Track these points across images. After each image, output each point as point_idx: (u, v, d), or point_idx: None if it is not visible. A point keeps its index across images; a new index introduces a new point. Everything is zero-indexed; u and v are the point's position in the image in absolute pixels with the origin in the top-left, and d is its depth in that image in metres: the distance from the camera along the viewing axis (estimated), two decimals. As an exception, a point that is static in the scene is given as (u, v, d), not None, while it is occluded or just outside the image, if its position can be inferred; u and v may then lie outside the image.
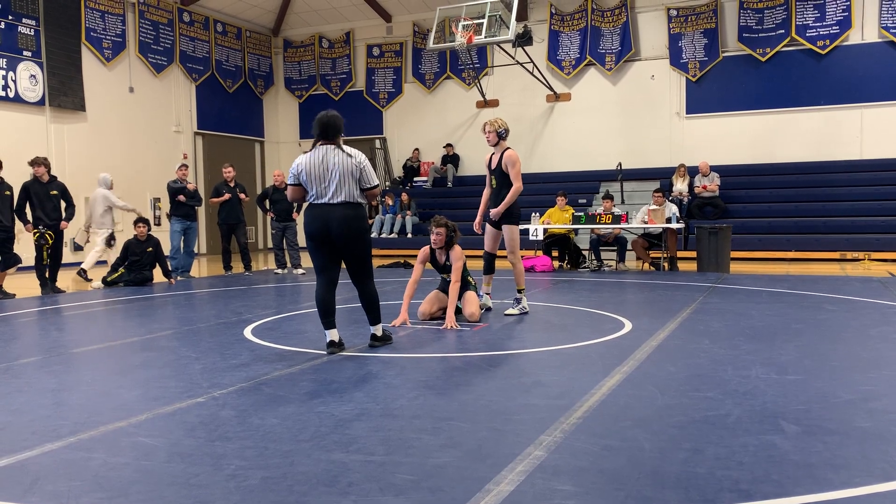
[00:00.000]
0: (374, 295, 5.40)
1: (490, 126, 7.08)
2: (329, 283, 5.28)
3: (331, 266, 5.30)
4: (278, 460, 3.01)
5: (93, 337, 6.44)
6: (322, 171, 5.13)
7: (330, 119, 5.19)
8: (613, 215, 11.82)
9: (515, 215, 7.08)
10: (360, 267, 5.31)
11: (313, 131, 5.23)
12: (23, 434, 3.45)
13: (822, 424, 3.39)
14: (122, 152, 16.37)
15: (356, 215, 5.18)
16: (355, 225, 5.15)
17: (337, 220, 5.09)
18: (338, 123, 5.21)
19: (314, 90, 20.79)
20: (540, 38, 17.70)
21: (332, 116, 5.21)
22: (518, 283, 7.06)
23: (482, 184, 19.93)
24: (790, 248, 13.77)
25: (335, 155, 5.14)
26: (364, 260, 5.32)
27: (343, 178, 5.11)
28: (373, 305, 5.41)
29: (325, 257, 5.25)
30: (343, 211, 5.11)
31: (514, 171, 6.97)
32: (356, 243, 5.19)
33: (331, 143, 5.20)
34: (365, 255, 5.31)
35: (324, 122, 5.19)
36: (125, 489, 2.72)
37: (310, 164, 5.17)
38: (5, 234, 9.38)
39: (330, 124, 5.18)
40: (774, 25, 16.16)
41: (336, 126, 5.20)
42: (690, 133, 17.02)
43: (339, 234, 5.11)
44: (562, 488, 2.66)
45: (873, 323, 6.37)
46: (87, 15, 15.58)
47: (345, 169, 5.11)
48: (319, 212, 5.15)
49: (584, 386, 4.15)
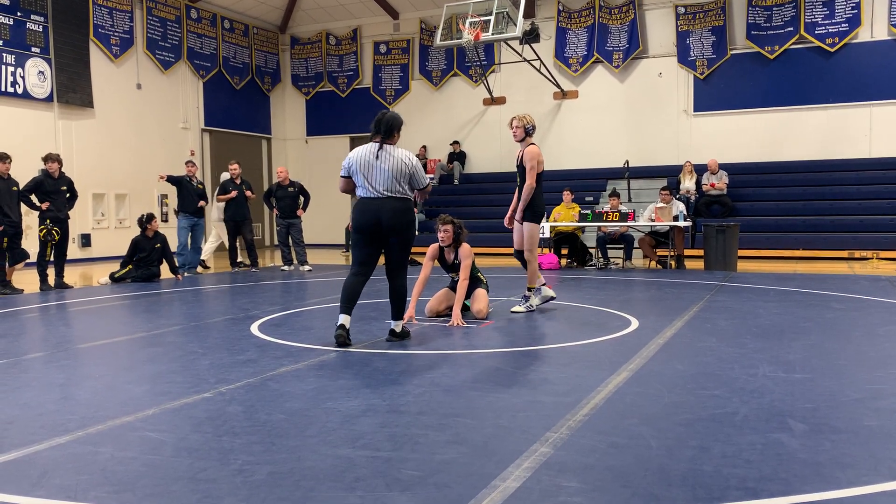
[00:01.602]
0: (403, 290, 5.52)
1: (518, 122, 6.99)
2: (362, 276, 5.46)
3: (370, 262, 5.47)
4: (285, 455, 3.01)
5: (100, 332, 6.46)
6: (374, 166, 5.31)
7: (387, 118, 5.38)
8: (620, 213, 11.79)
9: (538, 213, 6.96)
10: (400, 257, 5.47)
11: (371, 128, 5.41)
12: (31, 428, 3.46)
13: (830, 423, 3.38)
14: (130, 149, 16.42)
15: (405, 208, 5.37)
16: (404, 218, 5.35)
17: (388, 211, 5.28)
18: (394, 123, 5.39)
19: (321, 87, 20.80)
20: (547, 35, 17.67)
21: (391, 116, 5.41)
22: (530, 280, 7.03)
23: (489, 181, 20.03)
24: (798, 246, 13.72)
25: (387, 153, 5.32)
26: (405, 251, 5.49)
27: (394, 175, 5.30)
28: (400, 300, 5.53)
29: (368, 251, 5.42)
30: (393, 203, 5.31)
31: (530, 167, 6.86)
32: (403, 233, 5.38)
33: (386, 141, 5.36)
34: (408, 246, 5.49)
35: (380, 120, 5.38)
36: (132, 483, 2.73)
37: (361, 159, 5.36)
38: (13, 230, 9.42)
39: (385, 122, 5.36)
40: (783, 23, 16.08)
41: (391, 125, 5.38)
42: (698, 131, 16.97)
43: (389, 224, 5.29)
44: (568, 485, 2.65)
45: (881, 322, 6.34)
46: (95, 11, 15.62)
47: (396, 168, 5.31)
48: (370, 205, 5.33)
49: (590, 383, 4.15)
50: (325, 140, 20.78)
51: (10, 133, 13.58)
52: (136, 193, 16.57)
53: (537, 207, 6.94)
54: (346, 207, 19.29)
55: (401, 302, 5.55)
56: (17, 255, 9.58)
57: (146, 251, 10.57)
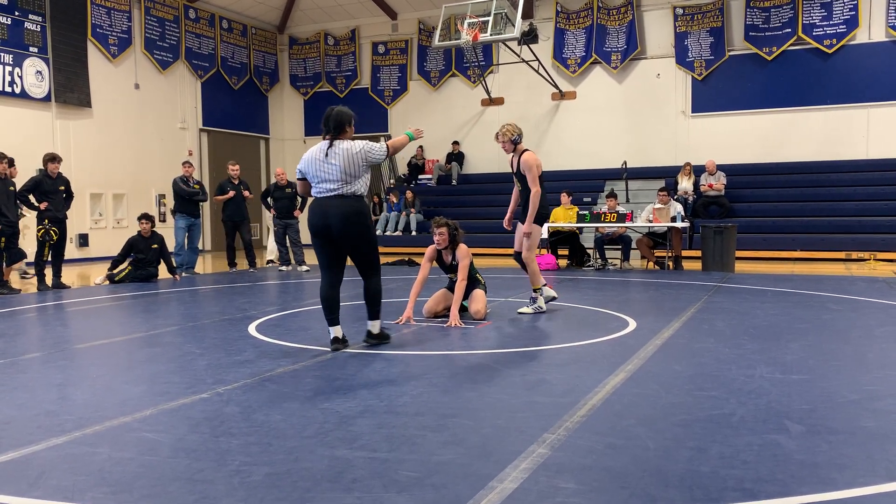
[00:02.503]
0: (377, 290, 5.31)
1: (503, 136, 6.88)
2: (333, 281, 5.23)
3: (335, 263, 5.22)
4: (282, 456, 3.01)
5: (97, 333, 6.45)
6: (322, 164, 5.08)
7: (335, 113, 5.15)
8: (618, 214, 11.80)
9: (542, 215, 6.90)
10: (365, 261, 5.22)
11: (321, 127, 5.20)
12: (28, 429, 3.46)
13: (827, 424, 3.39)
14: (128, 149, 16.41)
15: (355, 209, 5.06)
16: (354, 219, 5.04)
17: (336, 215, 5.00)
18: (342, 118, 5.15)
19: (319, 87, 20.80)
20: (545, 36, 17.68)
21: (339, 111, 5.17)
22: (533, 282, 6.99)
23: (487, 182, 20.04)
24: (795, 247, 13.74)
25: (336, 149, 5.08)
26: (368, 255, 5.21)
27: (344, 171, 5.03)
28: (374, 300, 5.32)
29: (328, 254, 5.18)
30: (341, 204, 5.02)
31: (531, 175, 6.73)
32: (357, 238, 5.09)
33: (337, 137, 5.14)
34: (368, 249, 5.20)
35: (328, 116, 5.16)
36: (129, 484, 2.73)
37: (312, 159, 5.15)
38: (11, 230, 9.41)
39: (333, 118, 5.13)
40: (781, 24, 16.11)
41: (340, 121, 5.13)
42: (696, 132, 16.99)
43: (338, 229, 5.02)
44: (565, 486, 2.66)
45: (878, 323, 6.35)
46: (93, 11, 15.62)
47: (346, 161, 5.04)
48: (320, 206, 5.08)
49: (588, 384, 4.15)
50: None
51: (8, 133, 13.56)
52: (133, 193, 16.55)
53: (542, 209, 6.90)
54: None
55: (375, 302, 5.33)
56: (14, 255, 9.57)
57: (143, 251, 10.55)
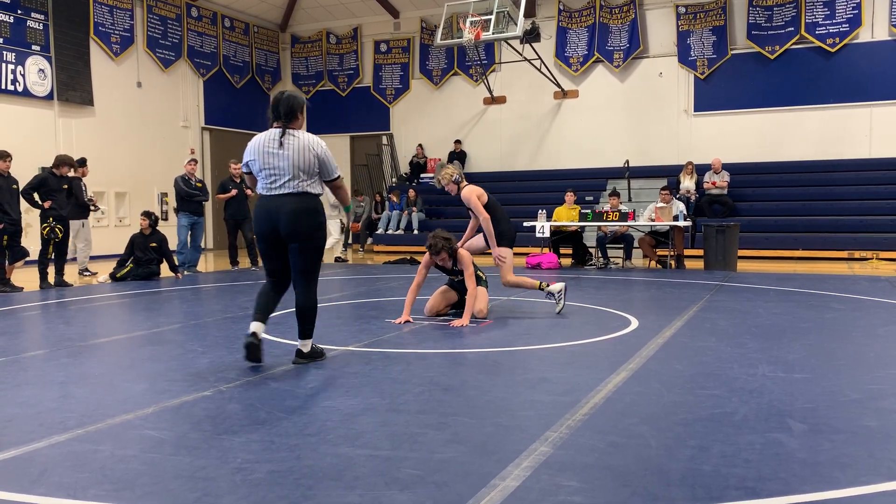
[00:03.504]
0: (311, 305, 4.70)
1: (444, 180, 6.89)
2: (277, 287, 4.72)
3: (282, 270, 4.68)
4: (284, 454, 3.01)
5: (100, 330, 6.46)
6: (273, 154, 4.52)
7: (286, 97, 4.59)
8: (620, 213, 11.79)
9: (507, 238, 6.84)
10: (304, 268, 4.62)
11: (268, 114, 4.65)
12: (30, 426, 3.46)
13: (829, 423, 3.38)
14: (130, 147, 16.42)
15: (309, 208, 4.53)
16: (307, 220, 4.51)
17: (287, 213, 4.47)
18: (294, 103, 4.58)
19: (321, 86, 20.80)
20: (548, 34, 17.67)
21: (291, 95, 4.61)
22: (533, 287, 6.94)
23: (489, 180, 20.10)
24: (798, 246, 13.72)
25: (291, 137, 4.53)
26: (312, 258, 4.63)
27: (297, 165, 4.50)
28: (307, 317, 4.71)
29: (276, 260, 4.65)
30: (293, 202, 4.49)
31: (475, 207, 6.72)
32: (304, 239, 4.53)
33: (289, 125, 4.59)
34: (312, 255, 4.61)
35: (278, 101, 4.58)
36: (132, 481, 2.73)
37: (261, 147, 4.56)
38: (13, 228, 9.43)
39: (284, 103, 4.56)
40: (784, 23, 16.09)
41: (291, 106, 4.57)
42: (698, 131, 16.98)
43: (288, 229, 4.49)
44: (567, 484, 2.65)
45: (881, 322, 6.34)
46: (95, 9, 15.63)
47: (300, 156, 4.50)
48: (268, 204, 4.54)
49: (590, 383, 4.15)
50: (325, 139, 20.26)
51: (10, 131, 13.57)
52: (135, 192, 16.57)
53: (505, 233, 6.85)
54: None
55: (308, 319, 4.71)
56: (16, 252, 9.58)
57: (142, 250, 10.52)
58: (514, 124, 18.64)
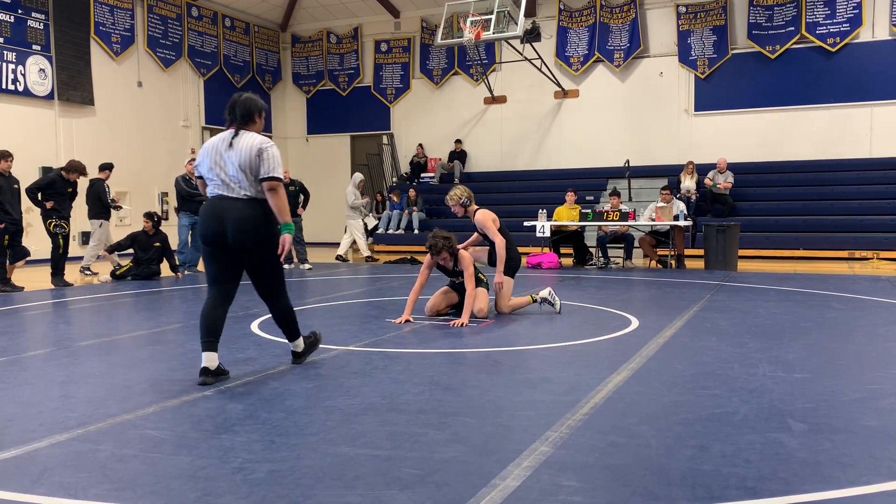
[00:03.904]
0: (287, 309, 4.56)
1: (451, 200, 6.85)
2: (221, 299, 4.35)
3: (227, 278, 4.36)
4: (285, 454, 3.01)
5: (101, 330, 6.46)
6: (221, 156, 4.25)
7: (242, 100, 4.36)
8: (621, 212, 11.79)
9: (512, 267, 6.82)
10: (266, 280, 4.42)
11: (225, 116, 4.41)
12: (31, 426, 3.47)
13: (829, 423, 3.38)
14: (131, 147, 16.43)
15: (255, 215, 4.22)
16: (252, 227, 4.20)
17: (233, 220, 4.18)
18: (251, 106, 4.35)
19: (322, 85, 20.81)
20: (548, 34, 17.67)
21: (247, 97, 4.39)
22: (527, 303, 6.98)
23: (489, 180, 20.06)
24: (798, 246, 13.73)
25: (241, 139, 4.26)
26: (270, 271, 4.39)
27: (241, 166, 4.21)
28: (287, 320, 4.58)
29: (219, 266, 4.33)
30: (239, 208, 4.20)
31: (490, 231, 6.73)
32: (255, 251, 4.26)
33: (244, 127, 4.33)
34: (270, 265, 4.37)
35: (234, 102, 4.35)
36: (132, 481, 2.74)
37: (212, 149, 4.32)
38: (15, 228, 9.44)
39: (241, 105, 4.33)
40: (784, 22, 16.09)
41: (248, 108, 4.33)
42: (699, 130, 16.98)
43: (235, 237, 4.19)
44: (568, 484, 2.66)
45: (882, 322, 6.34)
46: (95, 9, 15.63)
47: (243, 156, 4.21)
48: (214, 208, 4.25)
49: (590, 382, 4.15)
50: (325, 139, 20.78)
51: (11, 131, 13.58)
52: (136, 191, 16.56)
53: (513, 259, 6.83)
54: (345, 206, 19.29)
55: (289, 321, 4.59)
56: (17, 252, 9.59)
57: (145, 249, 10.57)
58: (515, 124, 18.65)
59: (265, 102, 4.44)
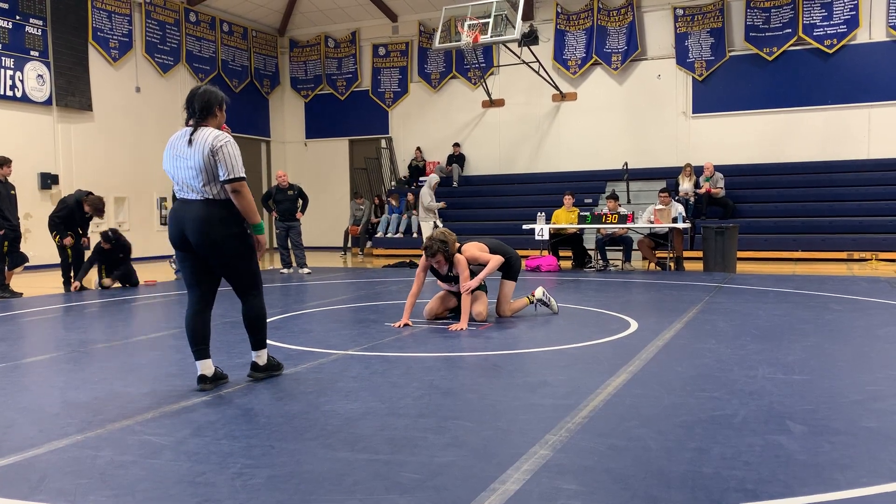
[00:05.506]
0: (258, 314, 4.37)
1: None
2: (201, 303, 4.26)
3: (202, 280, 4.24)
4: (284, 459, 3.01)
5: (100, 336, 6.45)
6: (179, 156, 4.06)
7: (200, 92, 4.12)
8: (619, 215, 11.80)
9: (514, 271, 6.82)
10: (236, 282, 4.28)
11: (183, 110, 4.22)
12: (30, 432, 3.46)
13: (829, 424, 3.38)
14: (129, 152, 16.43)
15: (213, 215, 4.04)
16: (209, 228, 4.02)
17: (192, 220, 4.03)
18: (211, 99, 4.11)
19: (320, 90, 20.82)
20: (546, 37, 17.69)
21: (206, 89, 4.15)
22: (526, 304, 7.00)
23: (488, 183, 20.06)
24: (797, 247, 13.74)
25: (199, 136, 4.03)
26: (238, 272, 4.24)
27: (198, 167, 4.00)
28: (256, 326, 4.39)
29: (192, 269, 4.21)
30: (199, 210, 4.03)
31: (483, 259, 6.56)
32: (219, 252, 4.09)
33: (203, 123, 4.10)
34: (238, 266, 4.21)
35: (193, 96, 4.12)
36: (132, 487, 2.73)
37: (172, 148, 4.13)
38: (14, 234, 9.44)
39: (199, 98, 4.10)
40: (781, 25, 16.12)
41: (207, 102, 4.10)
42: (697, 133, 17.00)
43: (196, 240, 4.05)
44: (567, 487, 2.65)
45: (881, 323, 6.34)
46: (93, 15, 15.64)
47: (201, 155, 3.99)
48: (177, 210, 4.12)
49: (589, 385, 4.15)
50: (324, 143, 20.79)
51: (9, 137, 13.58)
52: (135, 196, 16.58)
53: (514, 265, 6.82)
54: (344, 209, 19.31)
55: (257, 328, 4.38)
56: (16, 258, 9.59)
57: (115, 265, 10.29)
58: (513, 127, 18.67)
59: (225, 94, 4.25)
